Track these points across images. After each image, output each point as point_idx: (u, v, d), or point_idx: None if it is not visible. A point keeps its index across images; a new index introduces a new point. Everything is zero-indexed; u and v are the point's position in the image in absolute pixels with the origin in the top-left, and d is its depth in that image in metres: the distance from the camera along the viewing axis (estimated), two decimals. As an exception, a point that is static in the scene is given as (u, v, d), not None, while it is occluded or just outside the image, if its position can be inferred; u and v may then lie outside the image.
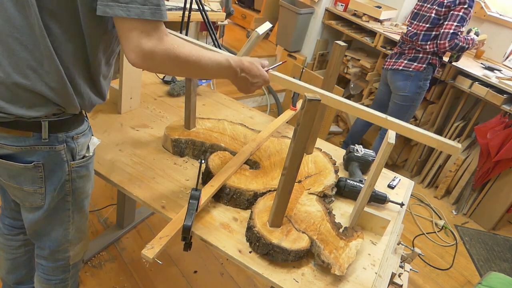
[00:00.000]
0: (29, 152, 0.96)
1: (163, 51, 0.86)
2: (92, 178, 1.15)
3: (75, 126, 1.01)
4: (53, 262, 1.22)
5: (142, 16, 0.81)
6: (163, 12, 0.84)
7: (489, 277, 1.65)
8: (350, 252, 1.07)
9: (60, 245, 1.17)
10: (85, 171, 1.08)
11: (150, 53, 0.84)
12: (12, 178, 1.00)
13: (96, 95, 1.02)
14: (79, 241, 1.22)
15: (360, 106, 1.12)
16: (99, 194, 2.31)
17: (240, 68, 1.07)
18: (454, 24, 2.40)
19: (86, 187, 1.12)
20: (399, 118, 3.04)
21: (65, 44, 0.88)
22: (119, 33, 0.84)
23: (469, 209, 3.00)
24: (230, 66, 1.05)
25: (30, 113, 0.90)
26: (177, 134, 1.39)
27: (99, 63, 0.97)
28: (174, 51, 0.88)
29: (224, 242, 1.08)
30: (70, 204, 1.10)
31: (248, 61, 1.09)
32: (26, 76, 0.87)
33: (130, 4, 0.80)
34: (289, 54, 3.87)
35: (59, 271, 1.25)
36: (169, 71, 0.95)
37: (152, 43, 0.84)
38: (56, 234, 1.14)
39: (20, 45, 0.85)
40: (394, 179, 1.52)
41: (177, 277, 1.93)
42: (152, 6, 0.82)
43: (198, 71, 0.99)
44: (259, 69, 1.12)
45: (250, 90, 1.14)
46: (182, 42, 0.91)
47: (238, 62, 1.07)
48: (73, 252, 1.23)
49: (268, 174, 1.30)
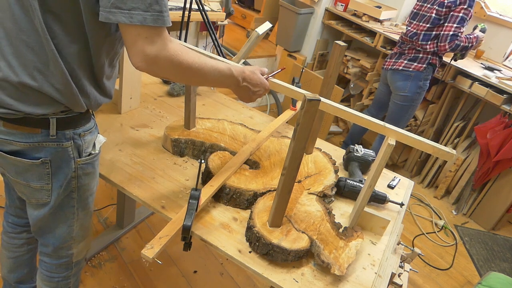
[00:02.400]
0: (37, 149, 0.97)
1: (166, 57, 0.87)
2: (97, 175, 1.16)
3: (82, 123, 1.02)
4: (56, 259, 1.23)
5: (144, 23, 0.82)
6: (166, 18, 0.85)
7: (489, 277, 1.65)
8: (350, 252, 1.07)
9: (64, 242, 1.18)
10: (91, 168, 1.09)
11: (154, 59, 0.85)
12: (19, 175, 1.02)
13: (102, 95, 1.04)
14: (82, 238, 1.22)
15: (359, 113, 1.12)
16: (99, 194, 2.31)
17: (242, 77, 1.09)
18: (454, 26, 2.40)
19: (91, 184, 1.13)
20: (399, 118, 3.06)
21: (69, 46, 0.89)
22: (124, 38, 0.86)
23: (469, 209, 3.00)
24: (232, 75, 1.06)
25: (38, 111, 0.92)
26: (177, 134, 1.39)
27: (102, 65, 0.98)
28: (177, 57, 0.89)
29: (224, 242, 1.08)
30: (75, 201, 1.11)
31: (249, 70, 1.10)
32: (34, 77, 0.88)
33: (132, 10, 0.80)
34: (289, 54, 3.87)
35: (62, 268, 1.26)
36: (172, 76, 0.96)
37: (156, 48, 0.85)
38: (61, 231, 1.15)
39: (27, 47, 0.86)
40: (394, 179, 1.52)
41: (177, 277, 1.93)
42: (154, 13, 0.82)
43: (201, 78, 1.00)
44: (259, 77, 1.13)
45: (252, 98, 1.15)
46: (186, 49, 0.92)
47: (239, 71, 1.08)
48: (77, 250, 1.23)
49: (268, 174, 1.30)
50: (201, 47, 3.08)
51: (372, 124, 1.11)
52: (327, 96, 1.30)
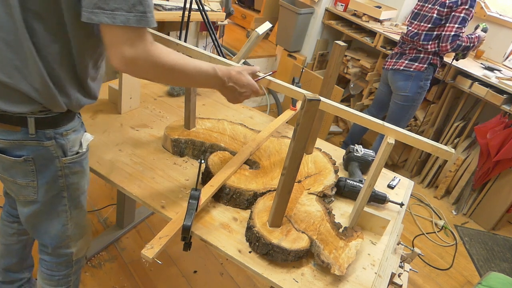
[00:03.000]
0: (19, 147, 0.96)
1: (146, 58, 0.86)
2: (87, 174, 1.14)
3: (64, 123, 1.00)
4: (56, 257, 1.23)
5: (127, 24, 0.81)
6: (150, 19, 0.84)
7: (489, 277, 1.65)
8: (350, 252, 1.07)
9: (61, 241, 1.18)
10: (78, 167, 1.08)
11: (133, 60, 0.85)
12: (5, 171, 1.01)
13: (85, 96, 1.02)
14: (80, 236, 1.22)
15: (358, 113, 1.12)
16: (99, 194, 2.31)
17: (228, 78, 1.07)
18: (455, 26, 2.40)
19: (81, 183, 1.12)
20: (400, 118, 3.05)
21: (51, 46, 0.87)
22: (103, 39, 0.84)
23: (469, 209, 3.00)
24: (216, 75, 1.04)
25: (14, 109, 0.91)
26: (177, 134, 1.39)
27: (86, 66, 0.96)
28: (158, 59, 0.88)
29: (224, 242, 1.08)
30: (67, 200, 1.10)
31: (236, 71, 1.09)
32: (10, 75, 0.87)
33: (115, 11, 0.79)
34: (289, 54, 3.87)
35: (63, 266, 1.26)
36: (154, 78, 0.95)
37: (135, 50, 0.84)
38: (55, 230, 1.15)
39: (6, 44, 0.85)
40: (394, 179, 1.52)
41: (177, 277, 1.93)
42: (137, 14, 0.81)
43: (184, 79, 0.99)
44: (247, 78, 1.10)
45: (239, 99, 1.13)
46: (168, 51, 0.91)
47: (225, 71, 1.06)
48: (76, 248, 1.23)
49: (268, 174, 1.30)
50: (201, 47, 3.08)
51: (371, 123, 1.11)
52: (327, 96, 1.30)
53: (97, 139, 1.38)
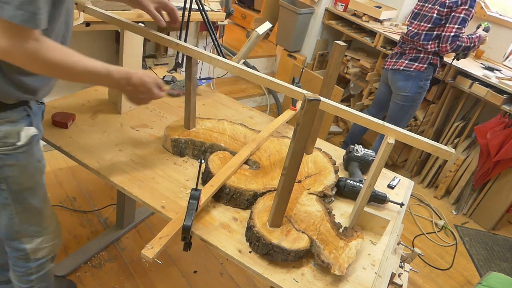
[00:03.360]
0: None
1: (22, 53, 0.86)
2: (28, 170, 1.11)
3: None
4: (12, 250, 1.24)
5: (11, 20, 0.81)
6: (38, 20, 0.84)
7: (489, 277, 1.65)
8: (350, 252, 1.07)
9: (9, 234, 1.18)
10: (13, 160, 1.06)
11: (7, 52, 0.85)
12: None
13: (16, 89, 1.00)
14: (35, 235, 1.21)
15: (358, 113, 1.12)
16: (99, 194, 2.31)
17: (126, 81, 1.08)
18: (455, 27, 2.40)
19: (21, 179, 1.10)
20: (400, 118, 3.06)
21: None
22: None
23: (469, 209, 3.00)
24: (111, 76, 1.05)
25: None
26: (177, 134, 1.39)
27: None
28: (38, 55, 0.88)
29: (224, 242, 1.08)
30: (7, 193, 1.10)
31: (138, 76, 1.09)
32: None
33: (6, 4, 0.80)
34: (289, 54, 3.87)
35: (20, 261, 1.26)
36: (38, 72, 0.95)
37: (12, 44, 0.84)
38: (4, 221, 1.16)
39: None
40: (394, 179, 1.53)
41: (177, 277, 1.93)
42: (26, 13, 0.81)
43: (71, 77, 0.99)
44: (149, 88, 1.12)
45: (138, 102, 1.16)
46: (54, 48, 0.91)
47: (124, 74, 1.07)
48: (31, 246, 1.23)
49: (268, 174, 1.30)
50: (201, 47, 3.08)
51: (371, 123, 1.11)
52: (327, 96, 1.30)
53: (97, 139, 1.38)
